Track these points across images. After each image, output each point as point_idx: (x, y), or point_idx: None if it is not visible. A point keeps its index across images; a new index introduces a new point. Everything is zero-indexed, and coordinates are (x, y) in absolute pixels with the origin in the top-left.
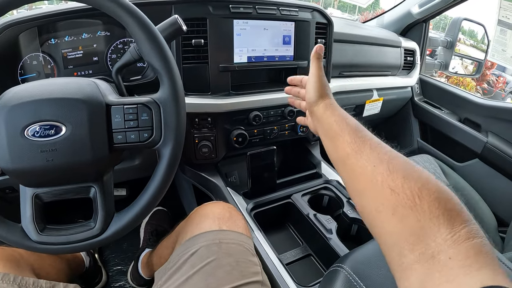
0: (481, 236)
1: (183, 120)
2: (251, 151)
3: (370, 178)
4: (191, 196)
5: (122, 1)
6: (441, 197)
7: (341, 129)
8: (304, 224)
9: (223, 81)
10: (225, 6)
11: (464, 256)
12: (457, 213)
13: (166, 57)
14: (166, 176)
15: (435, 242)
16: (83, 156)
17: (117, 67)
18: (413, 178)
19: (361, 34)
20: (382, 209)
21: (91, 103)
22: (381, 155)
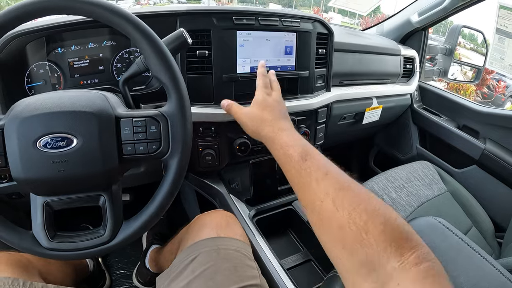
0: (429, 259)
1: (190, 133)
2: (253, 160)
3: (318, 214)
4: (194, 202)
5: (130, 17)
6: (387, 229)
7: (286, 162)
8: (304, 231)
9: (226, 91)
10: (229, 18)
11: (411, 281)
12: (405, 240)
13: (173, 72)
14: (173, 186)
15: (385, 271)
16: (93, 167)
17: (124, 78)
18: (359, 212)
19: (361, 43)
20: (333, 243)
21: (101, 116)
22: (327, 188)
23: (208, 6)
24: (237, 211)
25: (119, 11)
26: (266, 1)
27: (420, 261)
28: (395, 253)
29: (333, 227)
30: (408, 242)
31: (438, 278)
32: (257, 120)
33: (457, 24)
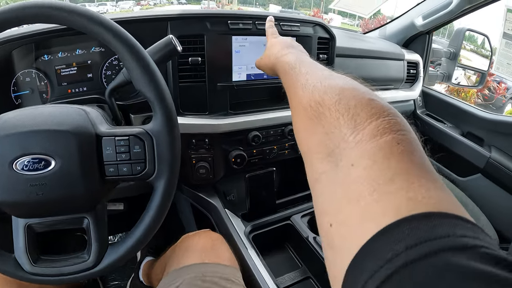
0: (396, 130)
1: (178, 153)
2: (249, 174)
3: (291, 105)
4: (189, 214)
5: (108, 24)
6: (342, 98)
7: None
8: (303, 247)
9: (221, 100)
10: (224, 22)
11: (370, 162)
12: (361, 108)
13: (158, 85)
14: (160, 210)
15: (339, 147)
16: (74, 190)
17: (110, 88)
18: (319, 89)
19: (364, 48)
20: (298, 127)
21: (81, 135)
22: (302, 75)
23: (201, 10)
24: (232, 228)
25: (96, 17)
26: (266, 2)
27: (381, 133)
28: (348, 122)
29: (300, 111)
30: (366, 109)
31: (405, 156)
32: (268, 59)
33: (462, 27)
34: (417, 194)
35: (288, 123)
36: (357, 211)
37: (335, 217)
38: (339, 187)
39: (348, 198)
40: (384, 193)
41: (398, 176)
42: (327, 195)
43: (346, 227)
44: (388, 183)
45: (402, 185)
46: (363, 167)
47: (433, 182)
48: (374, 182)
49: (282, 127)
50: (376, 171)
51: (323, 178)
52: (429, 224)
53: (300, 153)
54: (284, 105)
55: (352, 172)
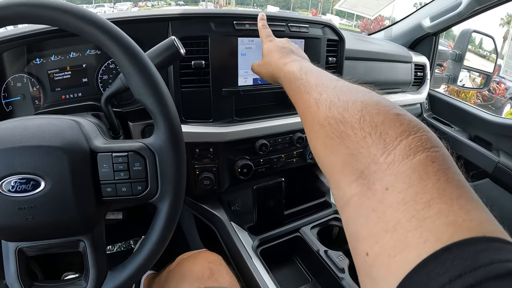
0: (429, 148)
1: (184, 171)
2: (257, 185)
3: (304, 116)
4: (192, 227)
5: (104, 25)
6: (365, 114)
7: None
8: (313, 260)
9: (226, 106)
10: (229, 23)
11: (405, 185)
12: (389, 125)
13: (160, 95)
14: (164, 234)
15: (369, 169)
16: (66, 213)
17: (107, 95)
18: (337, 106)
19: (372, 51)
20: (316, 146)
21: (73, 151)
22: (315, 93)
23: (205, 10)
24: (239, 242)
25: (90, 17)
26: (263, 3)
27: (414, 152)
28: (377, 142)
29: (316, 129)
30: (394, 126)
31: (441, 175)
32: (267, 67)
33: (468, 29)
34: (457, 217)
35: (296, 130)
36: (395, 240)
37: (371, 246)
38: (374, 213)
39: (384, 225)
40: (422, 219)
41: (436, 199)
42: (361, 221)
43: (385, 258)
44: (426, 207)
45: (441, 209)
46: (399, 191)
47: (472, 202)
48: (411, 207)
49: (290, 134)
50: (413, 195)
51: (354, 201)
52: (472, 252)
53: (309, 161)
54: (293, 111)
55: (387, 197)
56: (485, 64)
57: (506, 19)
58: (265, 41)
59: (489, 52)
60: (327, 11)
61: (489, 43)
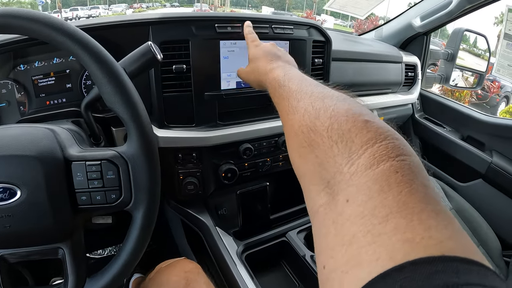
0: (394, 157)
1: (157, 179)
2: (241, 190)
3: (284, 123)
4: (180, 231)
5: (74, 34)
6: (333, 122)
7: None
8: (300, 265)
9: (209, 111)
10: (210, 26)
11: (365, 197)
12: (356, 132)
13: (131, 103)
14: (140, 242)
15: (334, 179)
16: (43, 221)
17: (86, 102)
18: (309, 113)
19: (361, 51)
20: (291, 153)
21: (48, 160)
22: (292, 95)
23: (185, 13)
24: (224, 248)
25: (59, 25)
26: (258, 4)
27: (377, 161)
28: (342, 152)
29: (292, 137)
30: (361, 134)
31: (404, 187)
32: (254, 73)
33: (460, 28)
34: (415, 234)
35: (281, 134)
36: (349, 255)
37: (327, 260)
38: (333, 225)
39: (341, 239)
40: (378, 234)
41: (395, 213)
42: (323, 232)
43: (337, 273)
44: (383, 222)
45: (399, 224)
46: (358, 204)
47: (436, 217)
48: (368, 221)
49: (275, 137)
50: (371, 208)
51: (320, 211)
52: (426, 272)
53: None
54: (277, 115)
55: (346, 209)
56: (479, 62)
57: (500, 18)
58: (251, 46)
59: (483, 51)
60: (322, 12)
61: (483, 42)
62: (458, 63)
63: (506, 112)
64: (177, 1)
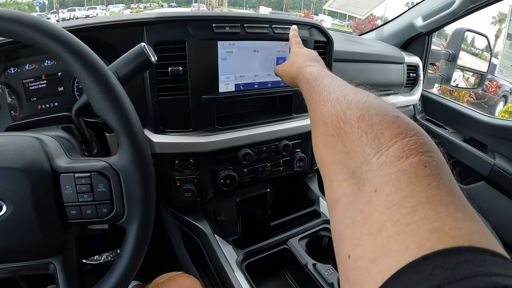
0: (423, 152)
1: (151, 191)
2: (240, 197)
3: (312, 115)
4: (179, 239)
5: (59, 35)
6: (365, 114)
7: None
8: (302, 274)
9: (206, 115)
10: (208, 26)
11: (394, 188)
12: (386, 126)
13: (122, 110)
14: (135, 257)
15: (361, 168)
16: (31, 237)
17: (77, 108)
18: (341, 103)
19: (363, 52)
20: (317, 142)
21: (34, 172)
22: (324, 89)
23: (181, 12)
24: (223, 257)
25: (44, 27)
26: (256, 4)
27: (406, 154)
28: (372, 142)
29: (320, 125)
30: (391, 127)
31: (432, 180)
32: (290, 66)
33: (461, 28)
34: (444, 224)
35: (282, 138)
36: (378, 244)
37: (353, 249)
38: (360, 215)
39: (369, 228)
40: (407, 224)
41: (424, 204)
42: (347, 222)
43: (364, 262)
44: (412, 212)
45: (428, 215)
46: (386, 194)
47: (462, 211)
48: (397, 211)
49: (275, 142)
50: (400, 199)
51: (342, 201)
52: (454, 262)
53: (296, 169)
54: (278, 118)
55: (375, 199)
56: (477, 62)
57: (498, 17)
58: (294, 46)
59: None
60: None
61: (481, 42)
62: (458, 63)
63: (505, 112)
64: (175, 2)
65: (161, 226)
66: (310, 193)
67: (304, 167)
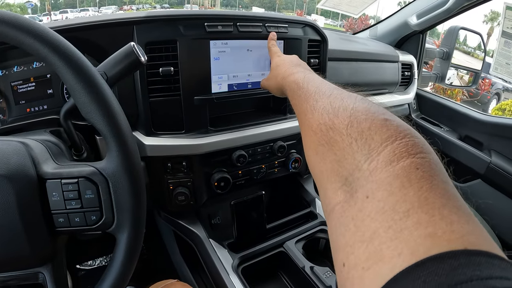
0: (414, 154)
1: (142, 198)
2: (235, 200)
3: (301, 124)
4: (173, 243)
5: (43, 35)
6: (353, 121)
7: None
8: (299, 277)
9: (199, 116)
10: (199, 25)
11: (386, 193)
12: (375, 130)
13: (110, 112)
14: (125, 266)
15: (352, 176)
16: (17, 247)
17: (65, 111)
18: (328, 112)
19: (357, 51)
20: (308, 152)
21: (19, 179)
22: (310, 96)
23: (172, 11)
24: (219, 262)
25: (27, 26)
26: (248, 5)
27: (397, 158)
28: (362, 149)
29: (310, 136)
30: (381, 131)
31: (424, 183)
32: (275, 78)
33: (455, 26)
34: (437, 229)
35: (277, 139)
36: (370, 251)
37: (347, 257)
38: (352, 222)
39: (361, 235)
40: (400, 229)
41: (416, 208)
42: (341, 230)
43: (359, 270)
44: (404, 217)
45: (420, 219)
46: (378, 200)
47: (457, 212)
48: (389, 217)
49: (270, 143)
50: (392, 204)
51: (337, 210)
52: (448, 268)
53: (292, 171)
54: (272, 118)
55: (367, 205)
56: (469, 60)
57: (490, 15)
58: (274, 57)
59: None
60: (312, 11)
61: (473, 40)
62: (452, 61)
63: (498, 109)
64: (168, 3)
65: (155, 231)
66: (306, 195)
67: (300, 168)
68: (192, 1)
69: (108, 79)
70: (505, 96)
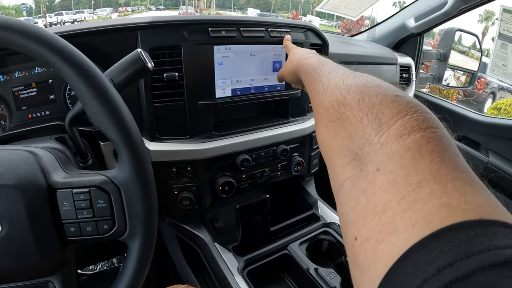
0: (425, 128)
1: (154, 205)
2: (240, 204)
3: (313, 103)
4: (177, 248)
5: (52, 42)
6: (364, 96)
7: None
8: (304, 279)
9: (203, 121)
10: (203, 30)
11: (397, 165)
12: (386, 105)
13: (122, 121)
14: (137, 275)
15: (363, 150)
16: (28, 257)
17: (70, 117)
18: (340, 89)
19: (357, 54)
20: (320, 130)
21: (29, 189)
22: (324, 76)
23: (177, 16)
24: (224, 265)
25: (36, 33)
26: (244, 6)
27: (408, 131)
28: (372, 122)
29: (321, 113)
30: (391, 106)
31: (436, 155)
32: (291, 63)
33: (452, 28)
34: (451, 199)
35: (280, 142)
36: (383, 223)
37: (359, 230)
38: (363, 195)
39: (373, 207)
40: (413, 200)
41: (429, 179)
42: (351, 204)
43: (372, 242)
44: (417, 188)
45: (434, 190)
46: (390, 171)
47: (471, 184)
48: (402, 188)
49: (273, 147)
50: (404, 176)
51: (346, 185)
52: (465, 237)
53: (294, 174)
54: (275, 122)
55: (378, 178)
56: (465, 60)
57: (485, 15)
58: (291, 49)
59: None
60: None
61: (467, 40)
62: (449, 62)
63: (494, 108)
64: (163, 4)
65: (158, 236)
66: (308, 197)
67: (302, 171)
68: (187, 2)
69: (115, 86)
70: (500, 95)
